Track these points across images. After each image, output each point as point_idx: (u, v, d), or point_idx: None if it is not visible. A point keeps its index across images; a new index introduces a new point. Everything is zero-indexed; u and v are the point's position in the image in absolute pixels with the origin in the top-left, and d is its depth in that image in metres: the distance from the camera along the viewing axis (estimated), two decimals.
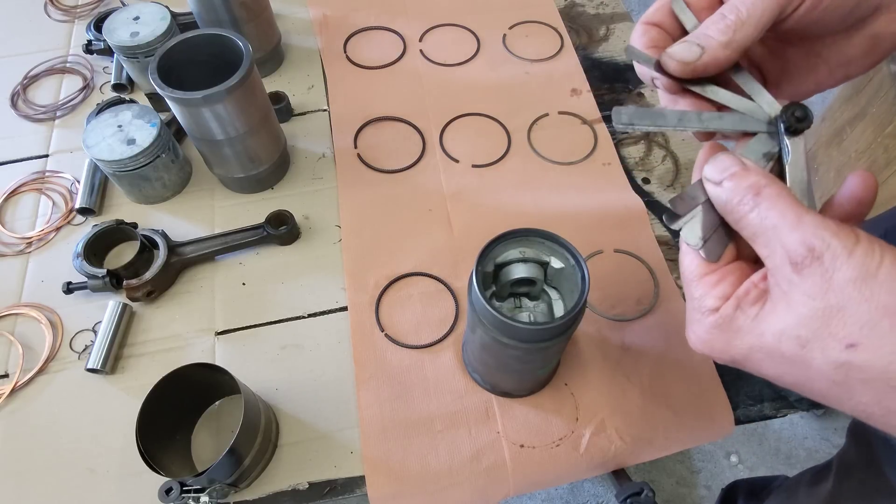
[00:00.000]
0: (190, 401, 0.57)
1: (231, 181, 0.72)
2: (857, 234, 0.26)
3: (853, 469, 0.68)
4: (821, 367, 0.26)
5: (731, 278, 0.31)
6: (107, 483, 0.55)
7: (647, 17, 0.37)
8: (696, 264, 0.32)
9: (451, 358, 0.61)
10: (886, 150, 1.24)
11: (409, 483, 0.55)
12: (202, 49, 0.64)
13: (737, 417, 0.59)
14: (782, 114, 0.32)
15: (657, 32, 0.36)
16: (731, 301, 0.29)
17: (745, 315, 0.29)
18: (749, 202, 0.28)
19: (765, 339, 0.28)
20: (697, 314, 0.31)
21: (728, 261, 0.32)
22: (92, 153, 0.65)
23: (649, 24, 0.36)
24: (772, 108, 0.34)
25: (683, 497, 1.26)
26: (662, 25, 0.36)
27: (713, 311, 0.30)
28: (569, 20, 0.91)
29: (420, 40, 0.89)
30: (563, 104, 0.82)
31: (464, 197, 0.73)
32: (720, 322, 0.29)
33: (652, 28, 0.36)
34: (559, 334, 0.46)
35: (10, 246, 0.70)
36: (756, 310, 0.28)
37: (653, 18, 0.36)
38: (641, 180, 0.75)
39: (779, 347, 0.27)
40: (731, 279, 0.31)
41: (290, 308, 0.65)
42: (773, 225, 0.27)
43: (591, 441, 0.57)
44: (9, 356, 0.62)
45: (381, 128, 0.80)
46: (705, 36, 0.32)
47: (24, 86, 0.84)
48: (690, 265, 0.32)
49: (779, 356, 0.27)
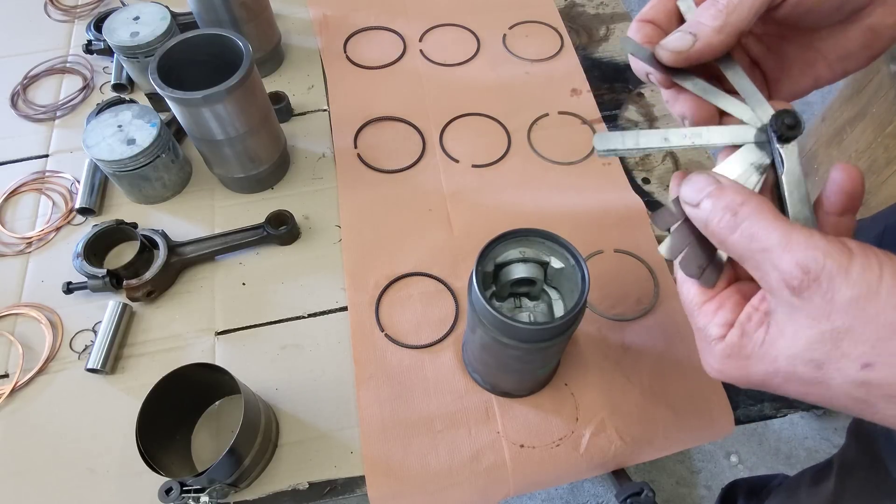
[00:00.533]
0: (190, 401, 0.57)
1: (231, 181, 0.72)
2: (849, 248, 0.25)
3: (855, 468, 0.68)
4: (841, 387, 0.26)
5: (730, 304, 0.30)
6: (107, 483, 0.55)
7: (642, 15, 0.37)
8: (693, 293, 0.32)
9: (451, 358, 0.61)
10: (886, 149, 1.24)
11: (409, 483, 0.55)
12: (202, 49, 0.64)
13: (737, 417, 0.59)
14: (772, 122, 0.31)
15: (651, 29, 0.36)
16: (736, 329, 0.29)
17: (752, 341, 0.28)
18: (729, 223, 0.28)
19: (778, 364, 0.27)
20: (705, 344, 0.31)
21: (723, 286, 0.32)
22: (92, 153, 0.65)
23: (644, 21, 0.36)
24: (763, 112, 0.33)
25: (683, 497, 1.26)
26: (657, 22, 0.36)
27: (719, 340, 0.30)
28: (569, 20, 0.91)
29: (420, 40, 0.89)
30: (563, 104, 0.82)
31: (464, 197, 0.73)
32: (729, 351, 0.29)
33: (646, 25, 0.36)
34: (559, 334, 0.46)
35: (10, 246, 0.70)
36: (762, 334, 0.28)
37: (647, 16, 0.36)
38: (641, 180, 0.75)
39: (795, 371, 0.27)
40: (730, 305, 0.30)
41: (290, 308, 0.65)
42: (761, 248, 0.26)
43: (591, 441, 0.57)
44: (9, 356, 0.62)
45: (381, 128, 0.80)
46: (697, 23, 0.32)
47: (24, 86, 0.84)
48: (688, 294, 0.32)
49: (797, 379, 0.27)
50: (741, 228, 0.27)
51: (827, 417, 1.35)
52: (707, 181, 0.29)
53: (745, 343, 0.29)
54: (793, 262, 0.25)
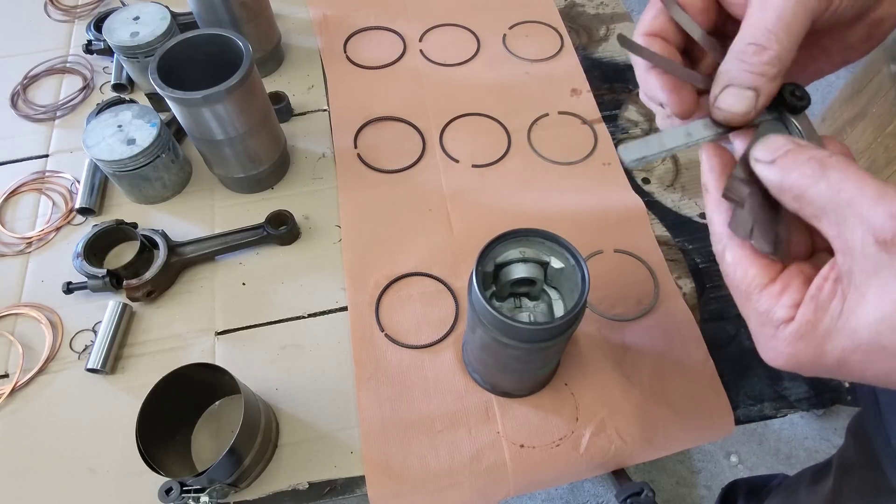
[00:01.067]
0: (190, 401, 0.57)
1: (231, 181, 0.72)
2: None
3: (854, 468, 0.68)
4: None
5: (796, 283, 0.27)
6: (107, 483, 0.55)
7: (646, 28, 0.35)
8: (752, 274, 0.28)
9: (451, 358, 0.61)
10: (886, 149, 1.24)
11: (409, 483, 0.55)
12: (202, 49, 0.64)
13: (737, 417, 0.59)
14: (781, 95, 0.31)
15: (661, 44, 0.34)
16: (807, 304, 0.26)
17: (829, 315, 0.25)
18: (813, 174, 0.25)
19: (859, 335, 0.24)
20: (769, 328, 0.27)
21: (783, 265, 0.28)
22: (92, 153, 0.65)
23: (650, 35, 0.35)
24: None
25: (683, 497, 1.26)
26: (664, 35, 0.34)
27: (788, 322, 0.27)
28: (569, 20, 0.91)
29: (420, 40, 0.89)
30: (563, 104, 0.82)
31: (464, 197, 0.73)
32: (801, 331, 0.26)
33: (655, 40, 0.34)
34: (559, 334, 0.46)
35: (10, 246, 0.70)
36: (839, 304, 0.25)
37: (652, 28, 0.35)
38: (641, 180, 0.75)
39: (879, 341, 0.23)
40: (796, 284, 0.27)
41: (290, 308, 0.65)
42: (848, 199, 0.24)
43: (591, 441, 0.57)
44: (9, 356, 0.62)
45: (381, 128, 0.80)
46: (749, 75, 0.29)
47: (24, 86, 0.84)
48: (745, 276, 0.29)
49: (881, 352, 0.24)
50: (828, 177, 0.25)
51: (827, 418, 1.35)
52: (786, 139, 0.27)
53: (819, 318, 0.25)
54: (887, 214, 0.23)
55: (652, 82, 0.34)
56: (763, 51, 0.28)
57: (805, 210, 0.26)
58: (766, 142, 0.28)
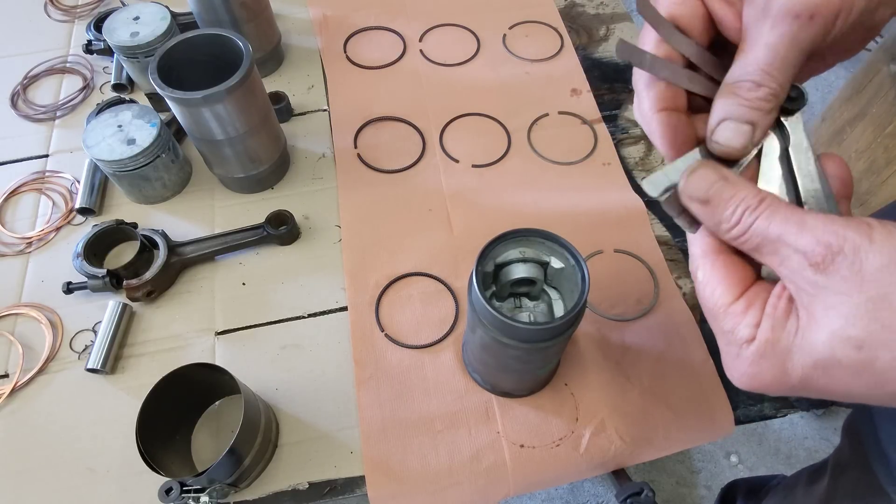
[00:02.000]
0: (190, 401, 0.57)
1: (231, 181, 0.72)
2: (866, 222, 0.24)
3: (848, 467, 0.68)
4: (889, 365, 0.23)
5: (759, 302, 0.28)
6: (107, 483, 0.55)
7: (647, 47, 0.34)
8: (718, 293, 0.29)
9: (451, 358, 0.61)
10: (886, 149, 1.24)
11: (409, 483, 0.55)
12: (202, 49, 0.64)
13: (737, 417, 0.59)
14: None
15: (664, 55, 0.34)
16: (765, 323, 0.27)
17: (786, 332, 0.26)
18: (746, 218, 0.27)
19: (816, 352, 0.25)
20: (734, 348, 0.28)
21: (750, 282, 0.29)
22: (92, 153, 0.65)
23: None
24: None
25: (683, 497, 1.26)
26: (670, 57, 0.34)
27: (750, 341, 0.27)
28: (569, 20, 0.91)
29: (420, 40, 0.89)
30: (563, 104, 0.82)
31: (464, 197, 0.73)
32: (762, 350, 0.26)
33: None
34: (559, 334, 0.46)
35: (10, 246, 0.70)
36: (793, 323, 0.26)
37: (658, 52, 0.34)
38: (641, 180, 0.75)
39: (834, 357, 0.24)
40: (759, 303, 0.28)
41: (290, 308, 0.65)
42: (777, 234, 0.25)
43: (591, 441, 0.57)
44: (9, 356, 0.62)
45: (381, 128, 0.80)
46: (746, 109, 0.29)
47: (24, 86, 0.84)
48: (713, 295, 0.29)
49: (838, 368, 0.24)
50: (758, 221, 0.26)
51: (827, 418, 1.35)
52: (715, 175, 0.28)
53: (777, 336, 0.26)
54: (813, 240, 0.24)
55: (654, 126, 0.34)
56: (758, 88, 0.29)
57: (742, 246, 0.28)
58: (696, 178, 0.29)
